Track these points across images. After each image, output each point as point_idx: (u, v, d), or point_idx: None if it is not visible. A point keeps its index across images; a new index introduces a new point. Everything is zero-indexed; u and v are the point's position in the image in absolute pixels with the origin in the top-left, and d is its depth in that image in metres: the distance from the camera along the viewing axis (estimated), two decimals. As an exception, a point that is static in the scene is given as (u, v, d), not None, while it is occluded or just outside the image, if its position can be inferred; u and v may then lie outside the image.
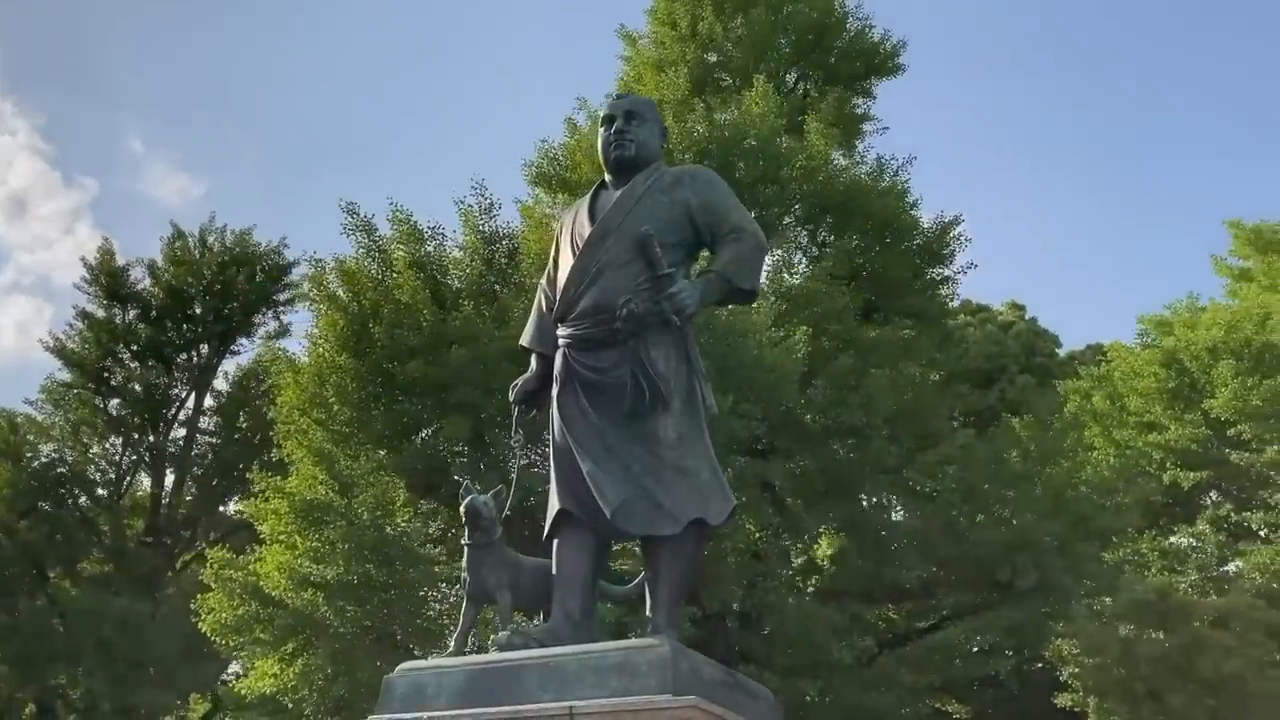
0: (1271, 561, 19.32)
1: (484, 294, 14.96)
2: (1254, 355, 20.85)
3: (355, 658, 13.70)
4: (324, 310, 15.14)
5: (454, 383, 13.88)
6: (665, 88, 18.21)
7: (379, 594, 13.71)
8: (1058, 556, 15.95)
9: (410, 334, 14.04)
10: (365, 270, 15.41)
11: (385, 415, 14.18)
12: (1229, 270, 26.07)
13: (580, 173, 18.27)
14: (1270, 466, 20.51)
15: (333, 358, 14.59)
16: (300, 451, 14.17)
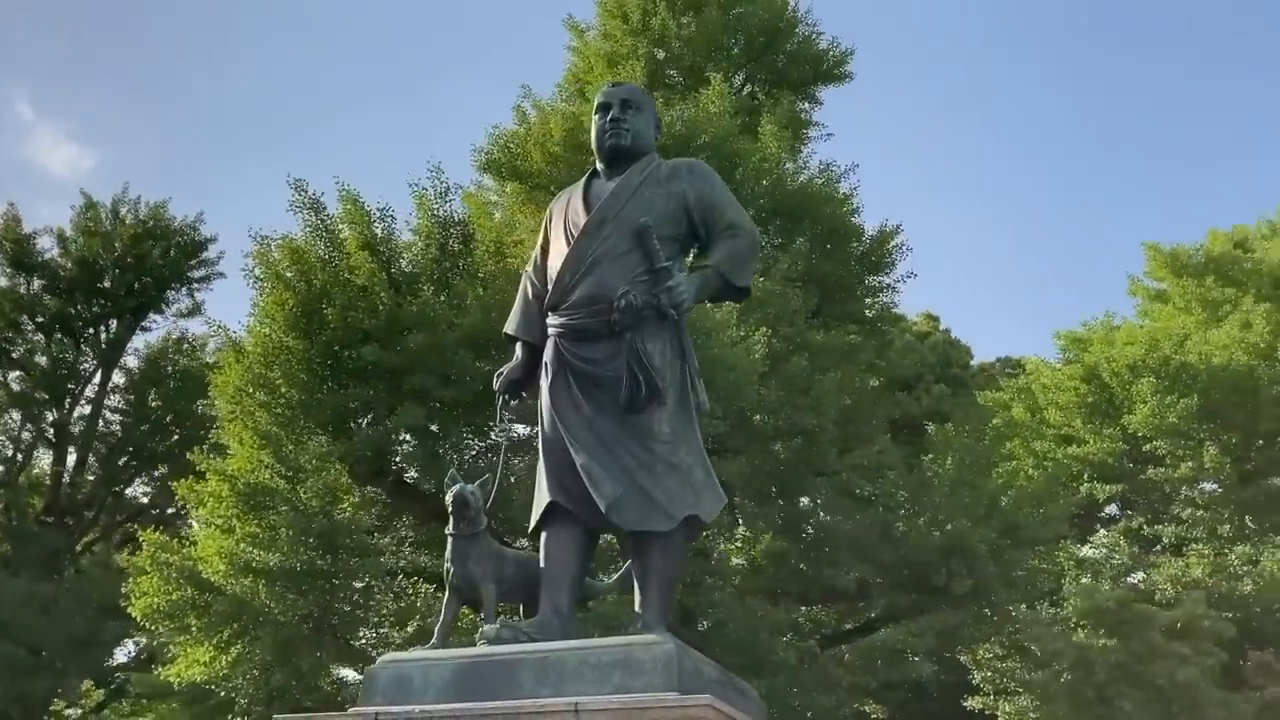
0: (1181, 574, 20.05)
1: (438, 279, 14.71)
2: (1172, 374, 21.62)
3: (295, 647, 13.34)
4: (270, 289, 14.72)
5: (408, 369, 13.62)
6: (622, 79, 18.06)
7: (321, 582, 13.38)
8: (990, 563, 16.31)
9: (365, 317, 13.72)
10: (313, 250, 15.04)
11: (334, 399, 13.83)
12: (1145, 291, 26.97)
13: (531, 162, 18.12)
14: (1182, 482, 21.29)
15: (280, 338, 14.18)
16: (245, 434, 13.73)
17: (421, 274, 14.35)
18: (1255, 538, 20.27)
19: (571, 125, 18.18)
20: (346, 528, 13.01)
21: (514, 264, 15.72)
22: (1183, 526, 21.30)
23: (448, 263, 14.93)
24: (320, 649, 13.62)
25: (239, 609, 13.13)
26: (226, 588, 13.18)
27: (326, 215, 15.51)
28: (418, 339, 13.32)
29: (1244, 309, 23.06)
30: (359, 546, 13.20)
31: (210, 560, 13.29)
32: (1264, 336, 22.03)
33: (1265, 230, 27.13)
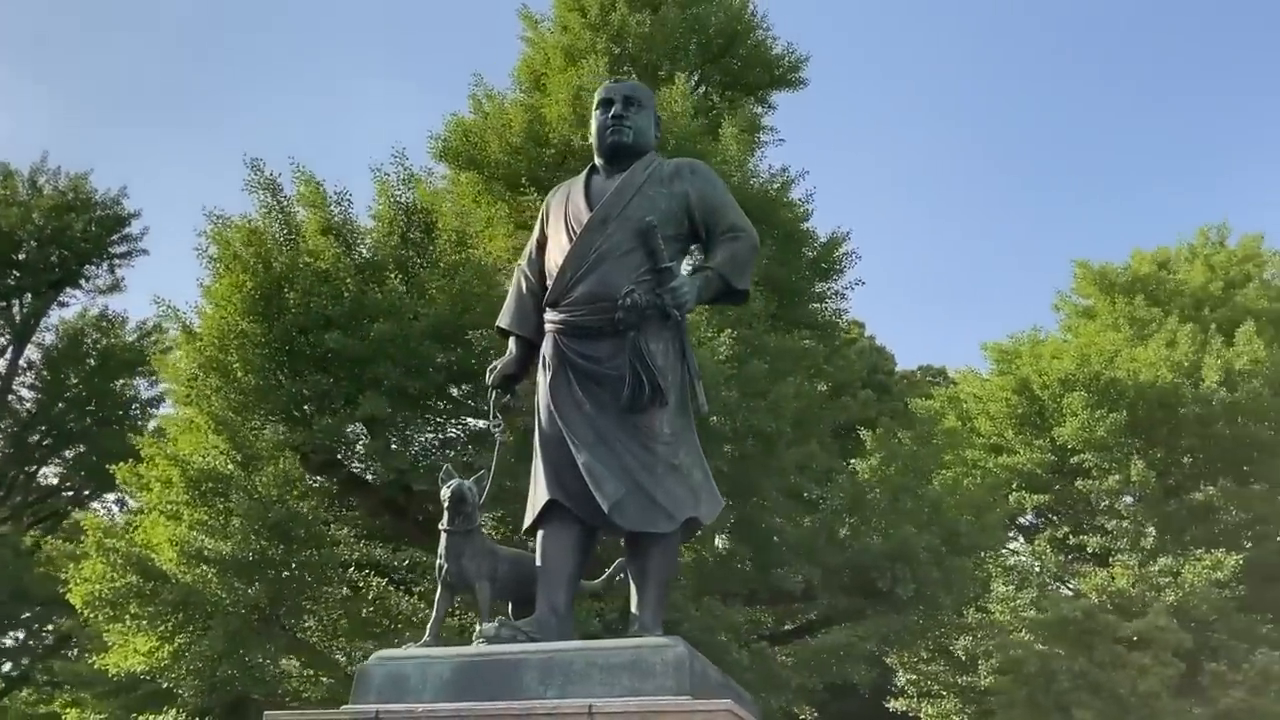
0: (1105, 583, 20.64)
1: (400, 267, 14.47)
2: (1101, 389, 22.25)
3: (244, 638, 13.00)
4: (226, 270, 14.31)
5: (371, 358, 13.37)
6: (585, 74, 17.96)
7: (273, 573, 13.06)
8: (934, 568, 16.60)
9: (329, 303, 13.42)
10: (270, 231, 14.67)
11: (292, 386, 13.50)
12: (1073, 307, 27.72)
13: (489, 152, 17.92)
14: (1109, 494, 21.93)
15: (236, 321, 13.80)
16: (201, 418, 13.33)
17: (382, 260, 14.05)
18: (1176, 550, 20.95)
19: (531, 117, 18.04)
20: (303, 518, 12.70)
21: (476, 254, 15.57)
22: (1107, 537, 21.93)
23: (410, 251, 14.67)
24: (269, 641, 13.28)
25: (188, 598, 12.74)
26: (176, 576, 12.78)
27: (283, 196, 15.17)
28: (383, 327, 13.05)
29: (1169, 328, 23.83)
30: (314, 537, 12.89)
31: (160, 547, 12.88)
32: (1188, 355, 22.78)
33: (1186, 253, 28.08)
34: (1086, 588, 20.79)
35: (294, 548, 12.98)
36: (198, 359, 13.64)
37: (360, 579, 14.00)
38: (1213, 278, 25.94)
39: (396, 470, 13.26)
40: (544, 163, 17.60)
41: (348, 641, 14.18)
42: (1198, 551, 20.40)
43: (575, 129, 17.42)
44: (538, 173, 17.64)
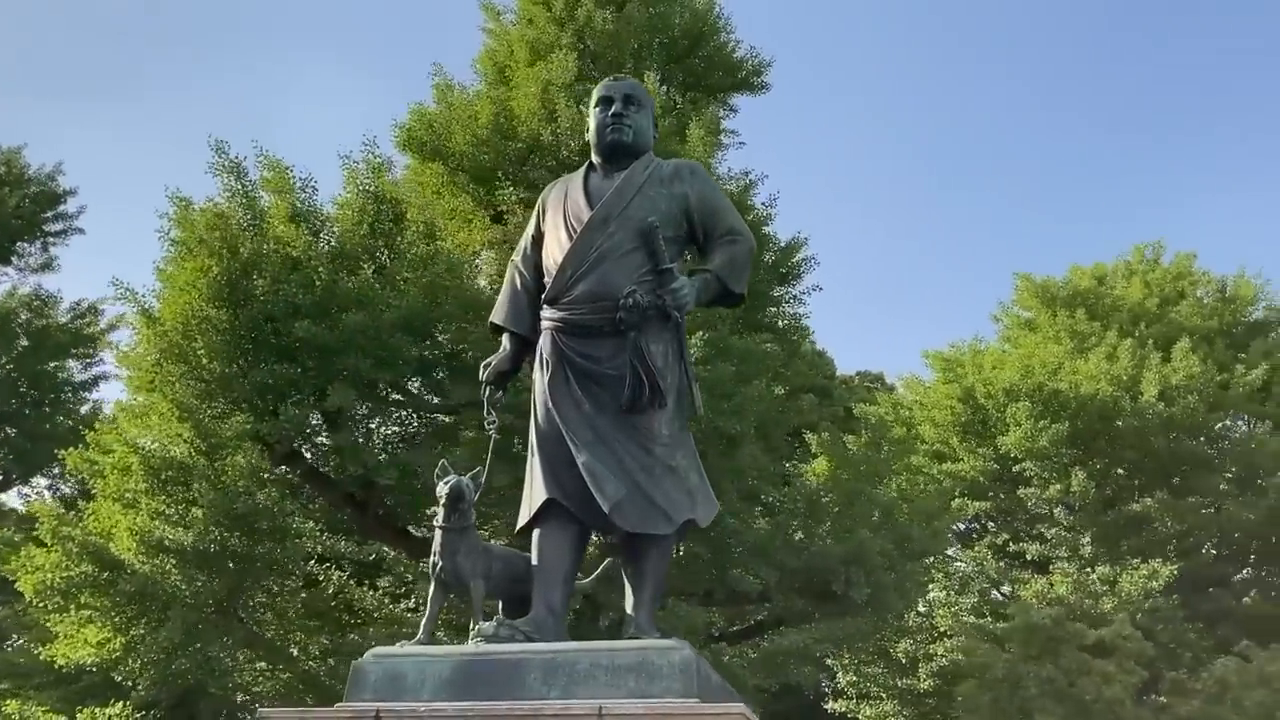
0: (1045, 591, 21.09)
1: (370, 256, 14.26)
2: (1045, 400, 22.73)
3: (203, 631, 12.72)
4: (189, 254, 13.97)
5: (341, 348, 13.15)
6: (554, 69, 17.87)
7: (235, 565, 12.80)
8: (887, 573, 16.82)
9: (299, 291, 13.16)
10: (236, 216, 14.36)
11: (259, 375, 13.23)
12: (1015, 319, 28.26)
13: (455, 143, 17.75)
14: (1049, 503, 22.41)
15: (201, 307, 13.48)
16: (165, 405, 12.99)
17: (353, 250, 13.83)
18: (1113, 560, 21.48)
19: (498, 110, 17.91)
20: (268, 510, 12.44)
21: (445, 246, 15.40)
22: (1046, 545, 22.42)
23: (380, 241, 14.47)
24: (227, 633, 13.01)
25: (145, 589, 12.42)
26: (135, 566, 12.45)
27: (248, 181, 14.87)
28: (355, 318, 12.84)
29: (1108, 342, 24.42)
30: (277, 530, 12.64)
31: (118, 536, 12.53)
32: (1127, 370, 23.36)
33: (1123, 269, 28.78)
34: (1027, 594, 21.23)
35: (255, 540, 12.71)
36: (160, 344, 13.28)
37: (320, 572, 13.77)
38: (1149, 294, 26.63)
39: (362, 465, 13.06)
40: (510, 156, 17.50)
41: (305, 636, 13.94)
42: (1134, 561, 20.95)
43: (545, 124, 17.35)
44: (504, 166, 17.53)
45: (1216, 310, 26.43)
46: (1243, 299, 26.99)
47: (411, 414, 14.12)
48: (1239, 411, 23.83)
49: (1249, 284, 27.33)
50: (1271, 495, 21.24)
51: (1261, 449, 22.08)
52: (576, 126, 17.24)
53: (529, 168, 17.53)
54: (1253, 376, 23.62)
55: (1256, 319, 26.87)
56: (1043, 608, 19.48)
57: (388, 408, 13.86)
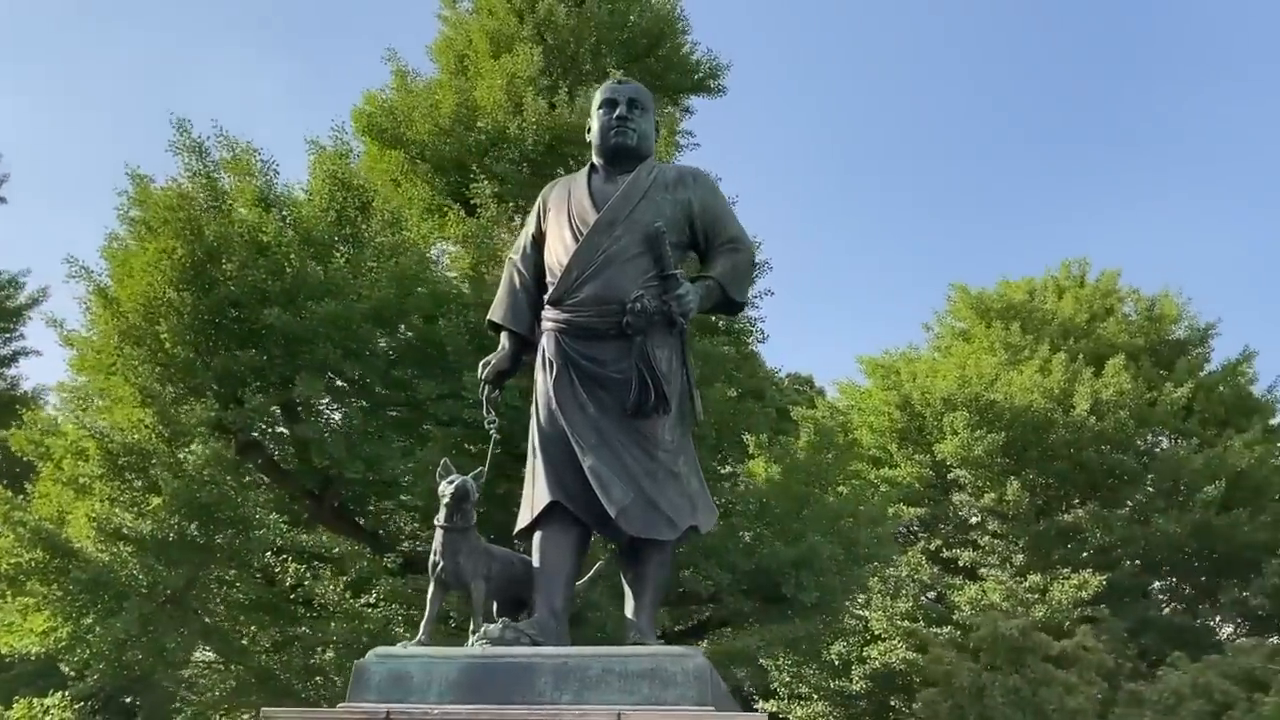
0: (978, 597, 21.56)
1: (340, 244, 13.98)
2: (981, 410, 23.22)
3: (157, 622, 12.36)
4: (150, 234, 13.54)
5: (310, 338, 12.87)
6: (519, 62, 17.73)
7: (193, 555, 12.45)
8: (836, 577, 17.01)
9: (269, 277, 12.84)
10: (199, 198, 13.95)
11: (223, 362, 12.88)
12: (949, 329, 28.79)
13: (416, 130, 17.51)
14: (983, 511, 22.90)
15: (164, 290, 13.07)
16: (127, 389, 12.56)
17: (328, 237, 13.54)
18: (1044, 568, 22.03)
19: (461, 99, 17.71)
20: (232, 500, 12.12)
21: (411, 236, 15.17)
22: (978, 553, 22.89)
23: (347, 229, 14.19)
24: (183, 625, 12.65)
25: (100, 577, 12.01)
26: (90, 554, 12.04)
27: (210, 161, 14.48)
28: (328, 306, 12.58)
29: (1040, 355, 25.02)
30: (240, 520, 12.32)
31: (72, 522, 12.10)
32: (1059, 383, 23.95)
33: (1051, 284, 29.49)
34: (960, 600, 21.68)
35: (216, 530, 12.38)
36: (119, 325, 12.85)
37: (278, 564, 13.47)
38: (1079, 310, 27.33)
39: (327, 456, 12.81)
40: (473, 147, 17.31)
41: (259, 629, 13.63)
42: (1064, 571, 21.51)
43: (511, 116, 17.20)
44: (466, 157, 17.34)
45: (1143, 328, 27.22)
46: (1167, 318, 27.83)
47: (376, 407, 13.83)
48: (1164, 428, 24.57)
49: (1173, 303, 28.19)
50: (1196, 510, 21.95)
51: (1186, 465, 22.81)
52: (543, 121, 17.15)
53: (491, 159, 17.37)
54: (1179, 394, 24.39)
55: (1179, 338, 27.72)
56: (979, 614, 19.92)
57: (353, 400, 13.57)
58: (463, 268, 13.88)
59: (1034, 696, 12.70)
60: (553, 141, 17.10)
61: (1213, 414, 25.16)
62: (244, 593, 13.40)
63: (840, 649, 21.86)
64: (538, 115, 16.93)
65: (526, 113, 16.93)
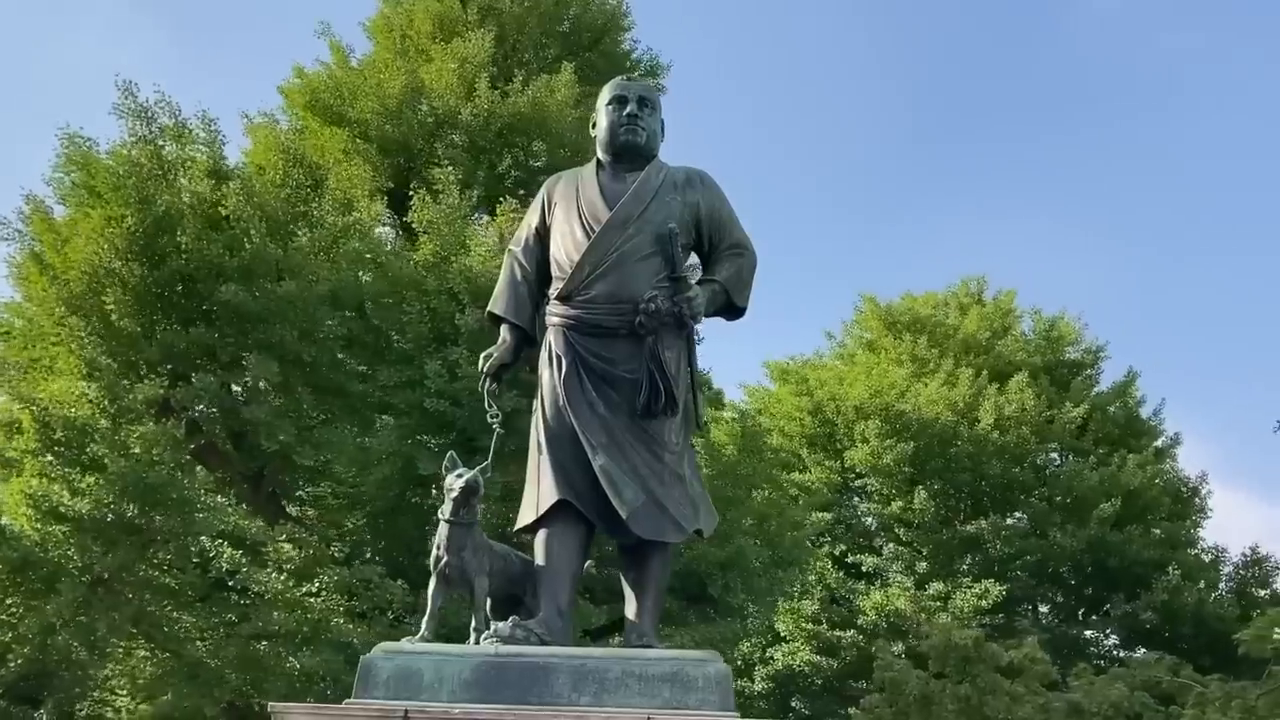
0: (884, 603, 22.12)
1: (295, 221, 13.58)
2: (891, 420, 23.80)
3: (91, 606, 11.83)
4: (95, 201, 12.96)
5: (266, 317, 12.47)
6: (471, 47, 17.47)
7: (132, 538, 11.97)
8: (761, 578, 17.25)
9: (226, 253, 12.39)
10: (146, 165, 13.39)
11: (171, 338, 12.39)
12: (857, 338, 29.38)
13: (360, 108, 17.12)
14: (890, 518, 23.49)
15: (110, 260, 12.50)
16: (72, 360, 11.97)
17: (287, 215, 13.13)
18: (946, 577, 22.72)
19: (408, 81, 17.38)
20: (178, 482, 11.68)
21: (364, 218, 14.82)
22: (883, 559, 23.49)
23: (300, 207, 13.79)
24: (115, 610, 12.13)
25: (31, 558, 11.45)
26: (21, 532, 11.46)
27: (156, 127, 13.92)
28: (288, 286, 12.20)
29: (945, 369, 25.73)
30: (184, 502, 11.87)
31: (8, 501, 11.50)
32: (964, 397, 24.69)
33: (954, 301, 30.29)
34: (865, 605, 22.20)
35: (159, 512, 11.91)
36: (61, 294, 12.25)
37: (214, 550, 13.03)
38: (981, 327, 28.19)
39: (277, 440, 12.43)
40: (417, 130, 17.02)
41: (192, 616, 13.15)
42: (966, 580, 22.23)
43: (463, 101, 16.95)
44: (412, 140, 17.05)
45: (1040, 347, 28.19)
46: (1064, 338, 28.88)
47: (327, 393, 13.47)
48: (1060, 445, 25.51)
49: (1069, 325, 29.28)
50: (1092, 526, 22.88)
51: (1082, 482, 23.74)
52: (496, 108, 16.95)
53: (437, 142, 17.12)
54: (1076, 413, 25.36)
55: (1073, 358, 28.78)
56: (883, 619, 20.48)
57: (304, 384, 13.19)
58: (423, 255, 13.60)
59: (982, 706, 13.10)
60: (502, 129, 16.92)
61: (1105, 433, 26.21)
62: (176, 579, 12.93)
63: (745, 649, 22.14)
64: (490, 103, 16.72)
65: (479, 99, 16.71)
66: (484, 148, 16.83)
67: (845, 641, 22.11)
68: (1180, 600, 22.42)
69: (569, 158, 17.48)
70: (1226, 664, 19.68)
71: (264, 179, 13.84)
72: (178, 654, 12.63)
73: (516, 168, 17.31)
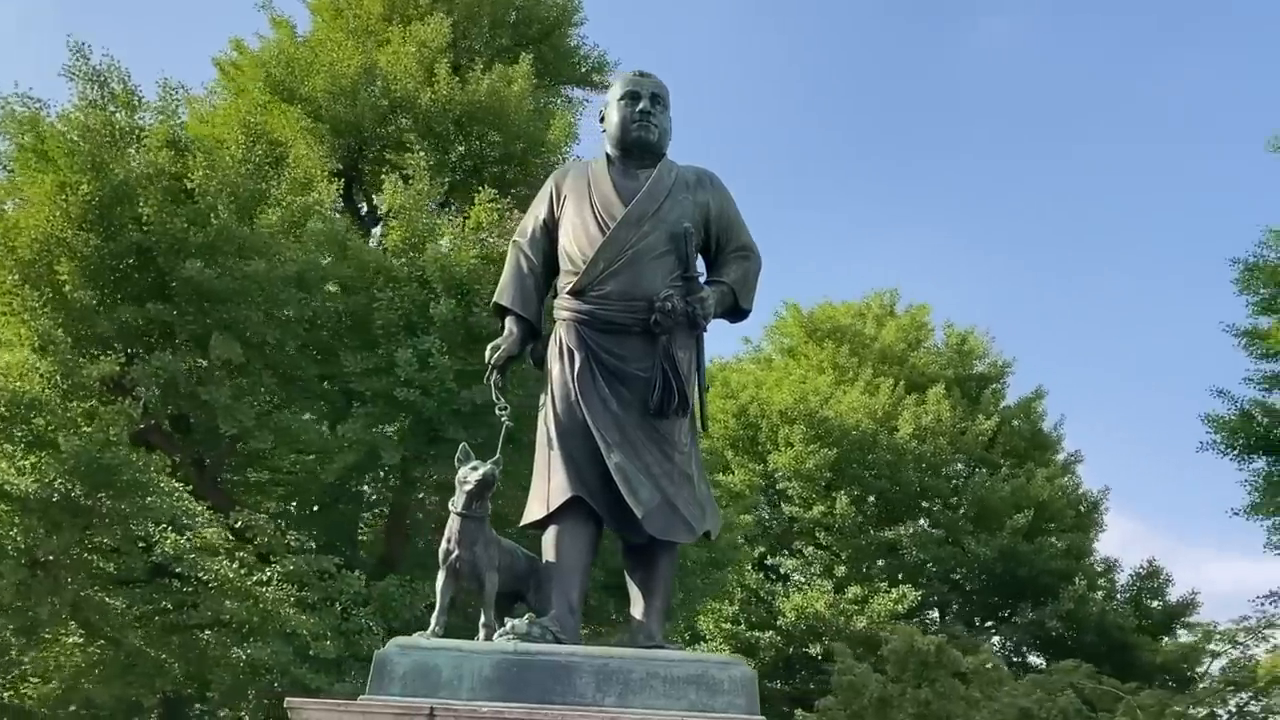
0: (805, 605, 22.44)
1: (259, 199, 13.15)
2: (815, 426, 24.14)
3: (31, 589, 11.28)
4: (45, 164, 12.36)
5: (230, 296, 12.04)
6: (429, 31, 17.16)
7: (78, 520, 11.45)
8: (698, 579, 17.33)
9: (191, 228, 11.92)
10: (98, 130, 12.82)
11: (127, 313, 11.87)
12: (779, 344, 29.71)
13: (311, 86, 16.66)
14: (811, 523, 23.79)
15: (63, 228, 11.93)
16: (23, 330, 11.36)
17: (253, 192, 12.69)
18: (864, 581, 23.14)
19: (364, 61, 17.00)
20: (132, 463, 11.19)
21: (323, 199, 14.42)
22: (802, 562, 23.82)
23: (262, 183, 13.35)
24: (56, 594, 11.58)
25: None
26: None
27: (109, 90, 13.34)
28: (256, 265, 11.80)
29: (864, 378, 26.22)
30: (136, 485, 11.39)
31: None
32: (884, 406, 25.20)
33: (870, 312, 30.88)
34: (785, 608, 22.48)
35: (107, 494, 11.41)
36: (14, 259, 11.63)
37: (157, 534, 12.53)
38: (898, 338, 28.81)
39: (236, 424, 12.01)
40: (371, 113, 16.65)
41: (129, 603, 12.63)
42: (883, 584, 22.69)
43: (423, 86, 16.64)
44: (365, 122, 16.67)
45: (952, 360, 28.92)
46: (973, 352, 29.69)
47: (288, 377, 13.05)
48: (971, 457, 26.18)
49: (978, 339, 30.13)
50: (1004, 536, 23.55)
51: (995, 493, 24.43)
52: (455, 94, 16.67)
53: (390, 127, 16.79)
54: (987, 425, 26.10)
55: (982, 372, 29.60)
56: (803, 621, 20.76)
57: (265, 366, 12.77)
58: (393, 241, 13.29)
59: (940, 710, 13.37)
60: (460, 117, 16.65)
61: (1013, 446, 27.01)
62: (117, 564, 12.40)
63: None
64: (450, 89, 16.45)
65: (439, 85, 16.42)
66: (439, 134, 16.54)
67: (764, 642, 22.35)
68: (1085, 609, 23.25)
69: (524, 150, 17.36)
70: (1125, 670, 20.65)
71: (225, 154, 13.34)
72: (117, 642, 12.11)
73: (469, 156, 17.09)
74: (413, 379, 12.01)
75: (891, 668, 14.90)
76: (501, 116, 16.69)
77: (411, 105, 16.32)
